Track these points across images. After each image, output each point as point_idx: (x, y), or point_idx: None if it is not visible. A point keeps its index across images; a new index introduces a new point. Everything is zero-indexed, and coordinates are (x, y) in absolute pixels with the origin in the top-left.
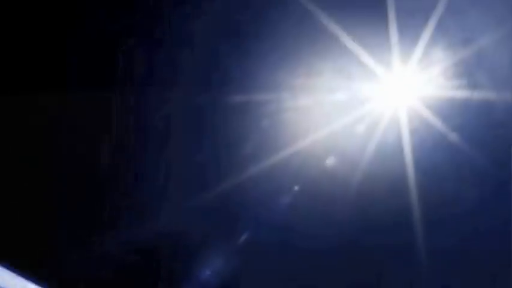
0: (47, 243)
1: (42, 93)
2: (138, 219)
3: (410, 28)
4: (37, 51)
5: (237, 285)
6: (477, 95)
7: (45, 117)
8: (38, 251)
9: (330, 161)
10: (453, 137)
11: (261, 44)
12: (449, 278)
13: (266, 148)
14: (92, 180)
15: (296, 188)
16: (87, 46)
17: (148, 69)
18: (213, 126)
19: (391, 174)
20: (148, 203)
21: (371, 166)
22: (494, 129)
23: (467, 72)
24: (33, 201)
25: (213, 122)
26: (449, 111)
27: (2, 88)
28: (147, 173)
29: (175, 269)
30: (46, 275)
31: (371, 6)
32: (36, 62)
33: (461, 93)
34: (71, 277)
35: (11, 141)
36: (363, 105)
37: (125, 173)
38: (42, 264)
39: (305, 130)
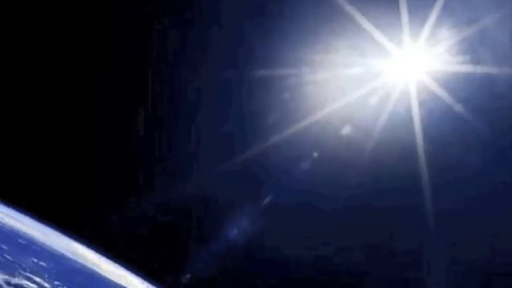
0: (89, 204)
1: (85, 68)
2: (172, 183)
3: (419, 9)
4: (81, 31)
5: (261, 243)
6: (480, 69)
7: (88, 91)
8: (81, 212)
9: (346, 130)
10: (458, 108)
11: (283, 23)
12: (455, 237)
13: (287, 118)
14: (130, 147)
15: (315, 154)
16: (125, 26)
17: (181, 46)
18: (239, 99)
19: (402, 142)
20: (180, 168)
21: (383, 134)
22: (496, 101)
23: (471, 49)
24: (78, 167)
25: (239, 94)
26: (455, 84)
27: (47, 65)
28: (180, 140)
29: (205, 228)
30: (88, 233)
31: None
32: (80, 40)
33: (466, 68)
34: (110, 234)
35: (53, 109)
36: (376, 79)
37: (159, 140)
38: (85, 223)
39: (323, 102)
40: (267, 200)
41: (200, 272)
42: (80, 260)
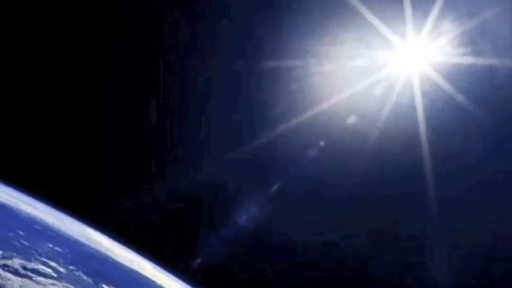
0: (103, 191)
1: (100, 60)
2: (183, 171)
3: (422, 2)
4: (96, 24)
5: (270, 229)
6: (481, 61)
7: (103, 82)
8: (95, 198)
9: (351, 120)
10: (460, 98)
11: (291, 16)
12: (457, 223)
13: (295, 108)
14: (143, 136)
15: (321, 143)
16: (138, 19)
17: (191, 38)
18: (248, 89)
19: (405, 131)
20: (191, 156)
21: (387, 124)
22: (497, 92)
23: (472, 41)
24: (92, 155)
25: (248, 85)
26: (457, 75)
27: (64, 56)
28: (191, 130)
29: (215, 215)
30: (102, 219)
31: None
32: (95, 32)
33: (467, 60)
34: (123, 220)
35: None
36: (380, 71)
37: (171, 130)
38: (99, 209)
39: (329, 92)
40: (275, 188)
41: (210, 257)
42: (93, 245)
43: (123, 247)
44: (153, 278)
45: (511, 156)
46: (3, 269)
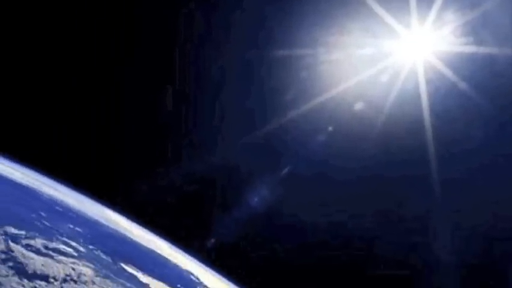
0: (121, 175)
1: (120, 49)
2: (197, 155)
3: None
4: (115, 15)
5: (280, 210)
6: (482, 50)
7: (122, 70)
8: (114, 181)
9: (358, 106)
10: (462, 85)
11: (301, 7)
12: (459, 204)
13: (305, 95)
14: (160, 121)
15: (330, 128)
16: (155, 10)
17: (206, 28)
18: (260, 77)
19: (410, 117)
20: (206, 141)
21: (393, 110)
22: (497, 79)
23: (474, 31)
24: (112, 141)
25: (259, 73)
26: (459, 63)
27: (85, 44)
28: (205, 115)
29: (228, 197)
30: (120, 201)
31: None
32: (114, 23)
33: (469, 49)
34: (141, 202)
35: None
36: (386, 59)
37: (186, 115)
38: (117, 192)
39: (337, 80)
40: (285, 171)
41: (224, 237)
42: (112, 226)
43: (141, 228)
44: (169, 257)
45: (510, 141)
46: (27, 249)
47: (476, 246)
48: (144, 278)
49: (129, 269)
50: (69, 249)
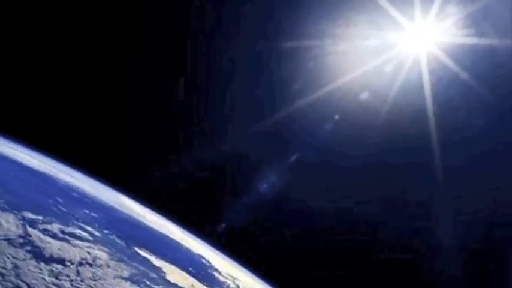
0: (135, 162)
1: (134, 41)
2: (209, 142)
3: None
4: (129, 9)
5: (288, 196)
6: (483, 41)
7: (136, 61)
8: (128, 168)
9: (364, 95)
10: (464, 75)
11: (308, 0)
12: (461, 190)
13: (312, 85)
14: (172, 110)
15: (336, 117)
16: (168, 3)
17: (217, 21)
18: (269, 67)
19: (413, 106)
20: (216, 129)
21: (397, 99)
22: (497, 69)
23: (475, 23)
24: (125, 129)
25: (268, 64)
26: (461, 55)
27: (99, 37)
28: (216, 104)
29: (238, 183)
30: (134, 187)
31: None
32: (130, 17)
33: (471, 40)
34: (154, 188)
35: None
36: (391, 50)
37: (197, 104)
38: (131, 178)
39: (343, 70)
40: (293, 158)
41: (234, 222)
42: (126, 211)
43: (154, 213)
44: (181, 242)
45: (510, 129)
46: (44, 233)
47: (477, 231)
48: (157, 262)
49: (143, 253)
50: (85, 234)
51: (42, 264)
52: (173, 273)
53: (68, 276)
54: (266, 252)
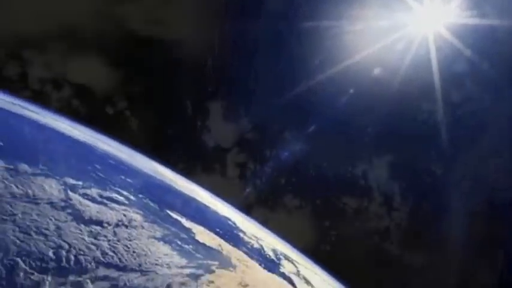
0: (168, 132)
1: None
2: (235, 115)
3: None
4: None
5: (307, 163)
6: (485, 21)
7: (172, 43)
8: (161, 137)
9: (377, 71)
10: (467, 52)
11: None
12: (465, 157)
13: (330, 61)
14: (203, 85)
15: (351, 91)
16: None
17: (242, 5)
18: (290, 46)
19: (422, 80)
20: (242, 102)
21: (407, 74)
22: (498, 47)
23: (478, 5)
24: (163, 102)
25: (289, 42)
26: (464, 33)
27: None
28: (241, 79)
29: (262, 151)
30: (167, 155)
31: None
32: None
33: (473, 21)
34: (185, 157)
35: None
36: (401, 29)
37: (224, 80)
38: (164, 146)
39: (358, 48)
40: (312, 128)
41: (258, 187)
42: (159, 177)
43: (184, 179)
44: (209, 205)
45: (510, 103)
46: (83, 197)
47: (479, 195)
48: (187, 223)
49: (174, 215)
50: (121, 198)
51: (82, 225)
52: (202, 233)
53: (105, 236)
54: (287, 214)
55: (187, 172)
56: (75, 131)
